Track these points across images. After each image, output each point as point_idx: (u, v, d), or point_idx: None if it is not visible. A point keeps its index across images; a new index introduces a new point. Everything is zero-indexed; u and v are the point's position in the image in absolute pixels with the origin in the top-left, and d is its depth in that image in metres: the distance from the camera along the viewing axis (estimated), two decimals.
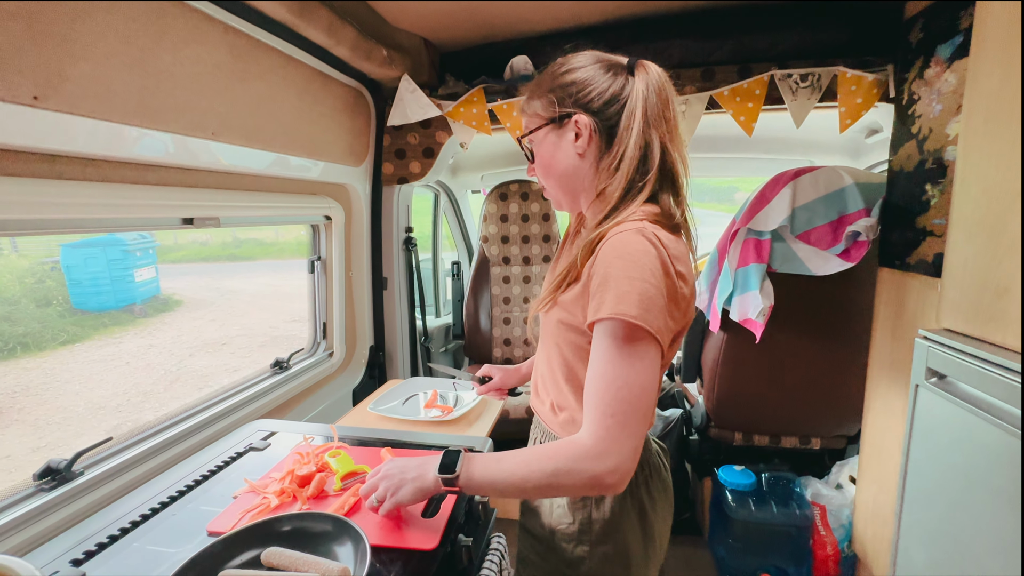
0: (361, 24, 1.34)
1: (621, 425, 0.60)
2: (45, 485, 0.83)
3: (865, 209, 1.33)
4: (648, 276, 0.62)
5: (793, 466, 1.78)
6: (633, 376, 0.61)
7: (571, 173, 0.75)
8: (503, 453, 0.68)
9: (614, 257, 0.63)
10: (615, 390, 0.61)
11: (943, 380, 0.83)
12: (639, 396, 0.61)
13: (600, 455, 0.60)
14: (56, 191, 0.78)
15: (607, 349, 0.63)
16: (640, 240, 0.64)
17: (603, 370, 0.62)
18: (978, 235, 0.79)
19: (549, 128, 0.75)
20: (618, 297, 0.61)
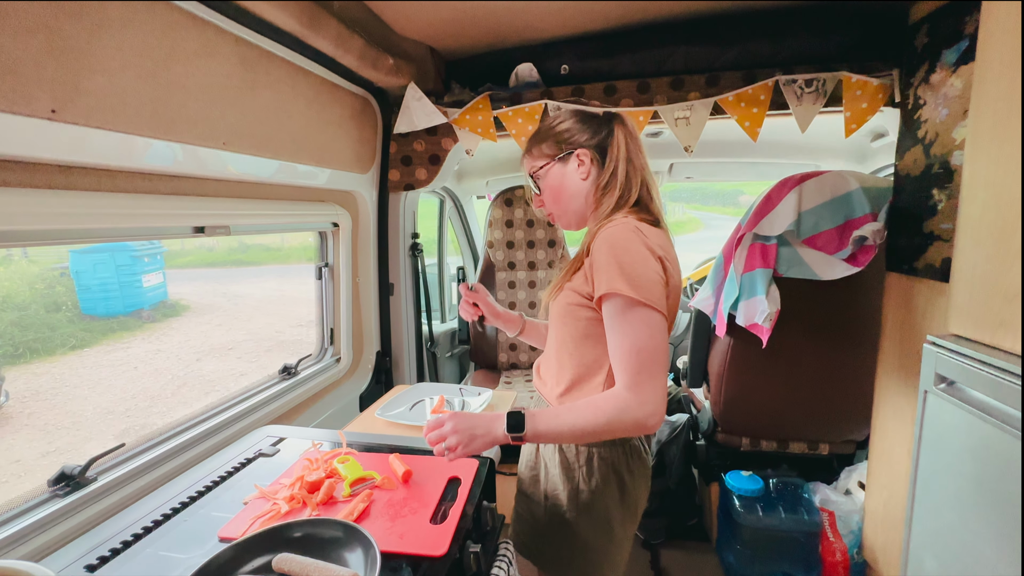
0: (368, 33, 1.35)
1: (649, 377, 0.77)
2: (59, 491, 0.84)
3: (872, 214, 1.32)
4: (634, 256, 0.79)
5: (801, 471, 1.77)
6: (644, 338, 0.78)
7: (578, 194, 0.94)
8: (558, 409, 0.84)
9: (605, 245, 0.81)
10: (635, 353, 0.78)
11: (952, 386, 0.83)
12: (654, 352, 0.78)
13: (640, 404, 0.77)
14: (71, 202, 0.79)
15: (615, 321, 0.80)
16: (624, 230, 0.82)
17: (620, 340, 0.79)
18: (986, 240, 0.79)
19: (555, 163, 0.95)
20: (611, 277, 0.79)
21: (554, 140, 0.95)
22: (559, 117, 0.97)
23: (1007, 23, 0.76)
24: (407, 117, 1.64)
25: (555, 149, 0.95)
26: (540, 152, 0.96)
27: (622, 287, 0.77)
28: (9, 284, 4.50)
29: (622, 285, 0.77)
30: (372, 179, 1.72)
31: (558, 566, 0.96)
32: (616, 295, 0.78)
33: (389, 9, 1.36)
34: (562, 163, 0.94)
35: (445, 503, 0.84)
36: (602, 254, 0.81)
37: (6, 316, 4.22)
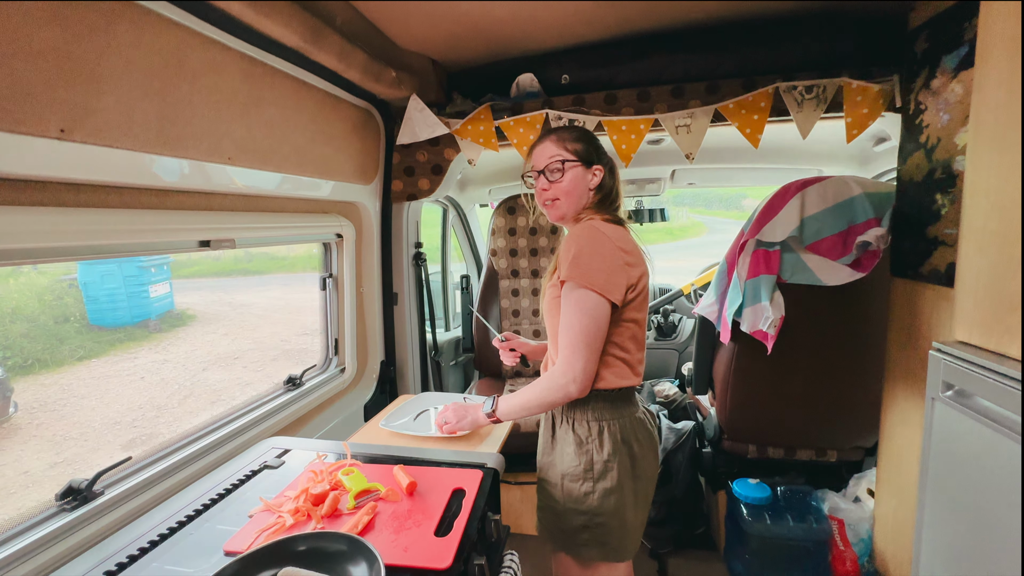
0: (370, 47, 1.37)
1: (574, 352, 0.95)
2: (67, 505, 0.85)
3: (875, 219, 1.32)
4: (594, 247, 0.96)
5: (809, 479, 1.75)
6: (577, 320, 0.95)
7: (581, 198, 1.08)
8: (516, 392, 1.06)
9: (569, 242, 0.99)
10: (569, 330, 0.96)
11: (959, 393, 0.82)
12: (581, 332, 0.95)
13: (562, 374, 0.96)
14: (80, 219, 0.80)
15: (564, 303, 0.97)
16: (583, 227, 1.00)
17: (561, 319, 0.97)
18: (989, 247, 0.78)
19: (581, 165, 1.07)
20: (568, 266, 0.95)
21: (588, 146, 1.08)
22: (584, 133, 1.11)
23: (1006, 30, 0.76)
24: (409, 128, 1.65)
25: (587, 155, 1.08)
26: (573, 148, 1.07)
27: (572, 274, 0.94)
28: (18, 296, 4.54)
29: (572, 272, 0.94)
30: (375, 190, 1.73)
31: (579, 539, 1.03)
32: (563, 282, 0.96)
33: (391, 23, 1.37)
34: (585, 168, 1.07)
35: (449, 515, 0.84)
36: (565, 250, 0.98)
37: (16, 328, 4.26)
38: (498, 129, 1.64)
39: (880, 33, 1.38)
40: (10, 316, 4.33)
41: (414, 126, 1.65)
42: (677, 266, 7.21)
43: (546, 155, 1.07)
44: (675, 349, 2.92)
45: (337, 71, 1.29)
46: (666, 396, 2.35)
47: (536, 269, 2.34)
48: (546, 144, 1.09)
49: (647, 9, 1.35)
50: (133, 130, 0.81)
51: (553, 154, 1.07)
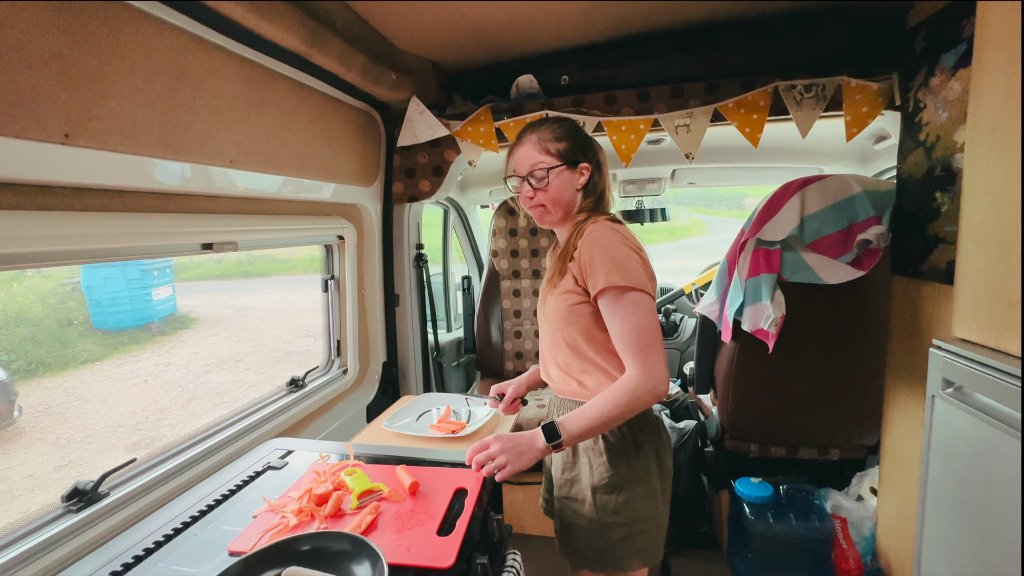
0: (371, 50, 1.38)
1: (649, 354, 0.89)
2: (73, 506, 0.86)
3: (875, 217, 1.32)
4: (619, 249, 0.92)
5: (812, 477, 1.75)
6: (640, 320, 0.89)
7: (571, 201, 1.03)
8: (582, 409, 0.91)
9: (593, 244, 0.93)
10: (635, 334, 0.89)
11: (959, 391, 0.82)
12: (649, 331, 0.89)
13: (648, 378, 0.88)
14: (84, 223, 0.81)
15: (615, 310, 0.90)
16: (606, 229, 0.95)
17: (620, 324, 0.90)
18: (988, 245, 0.79)
19: (564, 167, 1.00)
20: (607, 272, 0.90)
21: (572, 144, 1.01)
22: (567, 128, 1.03)
23: (1003, 28, 0.76)
24: (410, 130, 1.66)
25: (571, 154, 1.01)
26: (557, 149, 1.00)
27: (617, 279, 0.88)
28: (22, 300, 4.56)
29: (617, 277, 0.89)
30: (376, 192, 1.74)
31: (622, 551, 0.98)
32: (611, 287, 0.89)
33: (390, 26, 1.38)
34: (571, 170, 1.01)
35: (452, 514, 0.84)
36: (594, 255, 0.91)
37: (20, 332, 4.28)
38: (498, 130, 1.64)
39: (878, 32, 1.38)
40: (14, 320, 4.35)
41: (414, 128, 1.65)
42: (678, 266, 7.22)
43: (528, 161, 1.01)
44: (676, 348, 2.92)
45: (338, 74, 1.29)
46: (668, 395, 2.35)
47: (537, 269, 2.34)
48: (526, 148, 1.02)
49: (646, 10, 1.36)
50: (136, 134, 0.82)
51: (535, 161, 1.01)
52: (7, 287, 4.26)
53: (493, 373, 2.38)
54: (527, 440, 0.92)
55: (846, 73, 1.40)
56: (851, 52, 1.42)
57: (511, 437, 0.93)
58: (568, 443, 0.91)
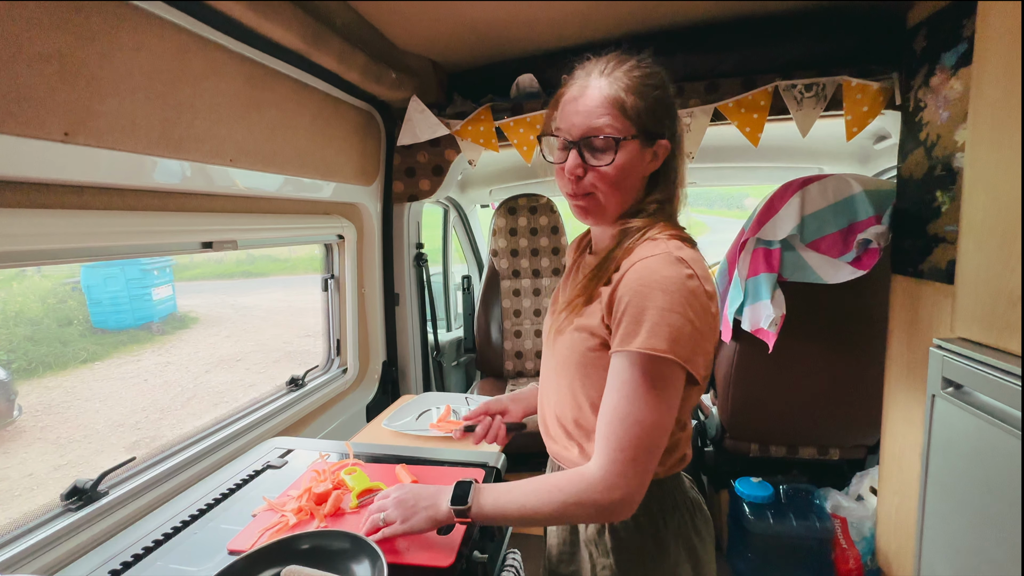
0: (371, 49, 1.38)
1: (631, 460, 0.61)
2: (72, 505, 0.85)
3: (875, 216, 1.32)
4: (681, 306, 0.61)
5: (812, 477, 1.75)
6: (648, 413, 0.61)
7: (635, 189, 0.72)
8: (513, 484, 0.70)
9: (644, 286, 0.62)
10: (628, 426, 0.62)
11: (960, 390, 0.82)
12: (651, 434, 0.62)
13: (609, 488, 0.62)
14: (83, 221, 0.81)
15: (627, 382, 0.62)
16: (672, 267, 0.62)
17: (618, 403, 0.63)
18: (989, 243, 0.79)
19: (639, 142, 0.68)
20: (650, 330, 0.60)
21: (656, 107, 0.69)
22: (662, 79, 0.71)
23: (1003, 27, 0.76)
24: (410, 129, 1.66)
25: (651, 122, 0.68)
26: (635, 109, 0.67)
27: (659, 343, 0.60)
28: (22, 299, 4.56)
29: (660, 341, 0.60)
30: (376, 191, 1.74)
31: None
32: (642, 353, 0.60)
33: (391, 25, 1.38)
34: (644, 146, 0.69)
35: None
36: (645, 303, 0.61)
37: (20, 331, 4.28)
38: (498, 130, 1.64)
39: (879, 31, 1.38)
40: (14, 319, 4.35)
41: (415, 127, 1.65)
42: None
43: (588, 116, 0.67)
44: None
45: (338, 73, 1.29)
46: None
47: (537, 269, 2.34)
48: (592, 95, 0.67)
49: (646, 9, 1.36)
50: (136, 133, 0.82)
51: (600, 119, 0.67)
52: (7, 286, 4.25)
53: (493, 372, 2.39)
54: (430, 498, 0.71)
55: (846, 72, 1.40)
56: (851, 51, 1.42)
57: (414, 490, 0.73)
58: (477, 519, 0.68)
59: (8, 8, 0.63)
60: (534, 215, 2.30)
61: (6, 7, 0.63)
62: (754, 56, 1.47)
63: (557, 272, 2.34)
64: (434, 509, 0.70)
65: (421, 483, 0.90)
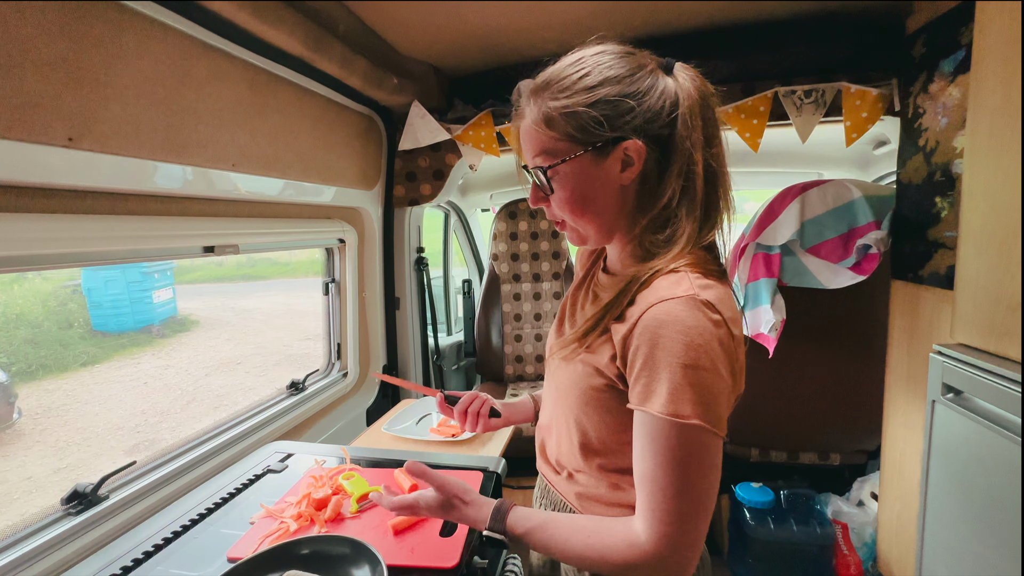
0: (372, 54, 1.39)
1: (680, 532, 0.55)
2: (72, 509, 0.85)
3: (875, 222, 1.33)
4: (708, 360, 0.53)
5: (812, 483, 1.75)
6: (688, 483, 0.54)
7: (613, 208, 0.63)
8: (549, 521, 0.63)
9: (663, 337, 0.54)
10: (670, 497, 0.55)
11: (960, 396, 0.82)
12: (696, 501, 0.55)
13: (661, 562, 0.55)
14: (87, 226, 0.81)
15: (658, 451, 0.55)
16: (695, 313, 0.54)
17: (656, 473, 0.55)
18: (988, 249, 0.79)
19: (585, 156, 0.60)
20: (672, 392, 0.53)
21: (588, 113, 0.58)
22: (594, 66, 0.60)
23: (1001, 34, 0.77)
24: (411, 134, 1.67)
25: (587, 132, 0.59)
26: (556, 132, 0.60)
27: (680, 409, 0.53)
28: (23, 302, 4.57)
29: (684, 405, 0.53)
30: (377, 195, 1.75)
31: None
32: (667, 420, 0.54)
33: (392, 30, 1.39)
34: (595, 157, 0.60)
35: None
36: (659, 356, 0.54)
37: (20, 334, 4.28)
38: (499, 135, 1.65)
39: (877, 38, 1.39)
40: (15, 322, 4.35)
41: (416, 132, 1.66)
42: None
43: (528, 146, 0.64)
44: None
45: (339, 78, 1.30)
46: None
47: (538, 273, 2.34)
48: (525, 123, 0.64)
49: (645, 15, 1.36)
50: (139, 138, 0.82)
51: (533, 150, 0.62)
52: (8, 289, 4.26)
53: (493, 376, 2.38)
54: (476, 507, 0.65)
55: (845, 79, 1.41)
56: (850, 58, 1.43)
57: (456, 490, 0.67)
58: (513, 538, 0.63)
59: (15, 15, 0.64)
60: (535, 219, 2.31)
61: (13, 13, 0.64)
62: (754, 62, 1.48)
63: (557, 276, 2.34)
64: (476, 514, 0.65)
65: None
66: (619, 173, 0.61)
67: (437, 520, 0.82)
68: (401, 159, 1.77)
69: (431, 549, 0.75)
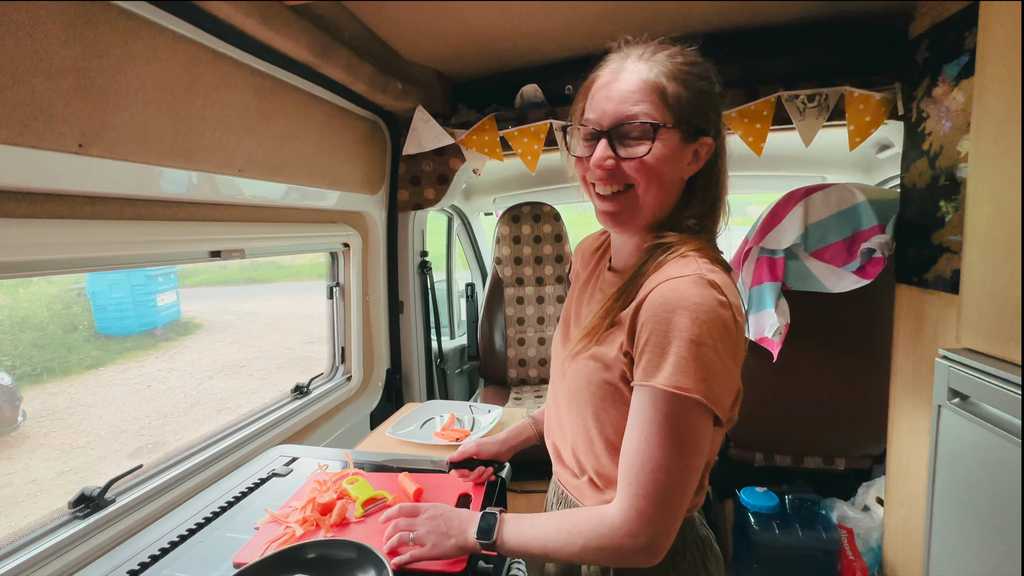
0: (377, 60, 1.40)
1: (655, 507, 0.56)
2: (79, 513, 0.86)
3: (879, 226, 1.32)
4: (712, 337, 0.54)
5: (817, 487, 1.74)
6: (674, 459, 0.55)
7: (672, 193, 0.65)
8: (536, 519, 0.67)
9: (670, 311, 0.55)
10: (650, 471, 0.56)
11: (966, 401, 0.82)
12: (678, 479, 0.56)
13: (631, 534, 0.57)
14: (94, 231, 0.82)
15: (649, 423, 0.56)
16: (703, 290, 0.55)
17: (640, 446, 0.57)
18: (994, 254, 0.79)
19: (679, 134, 0.62)
20: (676, 364, 0.54)
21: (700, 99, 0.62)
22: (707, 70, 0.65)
23: (1005, 39, 0.77)
24: (415, 139, 1.67)
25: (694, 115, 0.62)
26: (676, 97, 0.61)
27: (685, 380, 0.54)
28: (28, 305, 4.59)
29: (685, 378, 0.54)
30: (382, 199, 1.75)
31: None
32: (667, 391, 0.54)
33: (396, 37, 1.40)
34: (685, 141, 0.62)
35: None
36: (670, 333, 0.55)
37: (25, 337, 4.31)
38: (502, 139, 1.66)
39: (881, 42, 1.39)
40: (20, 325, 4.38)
41: (420, 137, 1.67)
42: None
43: (625, 102, 0.61)
44: None
45: (345, 84, 1.31)
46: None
47: (541, 277, 2.35)
48: (629, 78, 0.62)
49: (648, 20, 1.37)
50: (148, 144, 0.83)
51: (639, 103, 0.61)
52: (13, 292, 4.28)
53: (496, 380, 2.38)
54: (461, 524, 0.69)
55: (849, 83, 1.41)
56: (854, 62, 1.43)
57: (445, 516, 0.70)
58: (505, 552, 0.66)
59: (28, 24, 0.65)
60: (538, 223, 2.31)
61: (26, 22, 0.64)
62: (757, 67, 1.49)
63: (561, 280, 2.34)
64: (462, 538, 0.68)
65: (425, 489, 0.90)
66: (687, 164, 0.64)
67: None
68: (405, 163, 1.78)
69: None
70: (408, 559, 0.68)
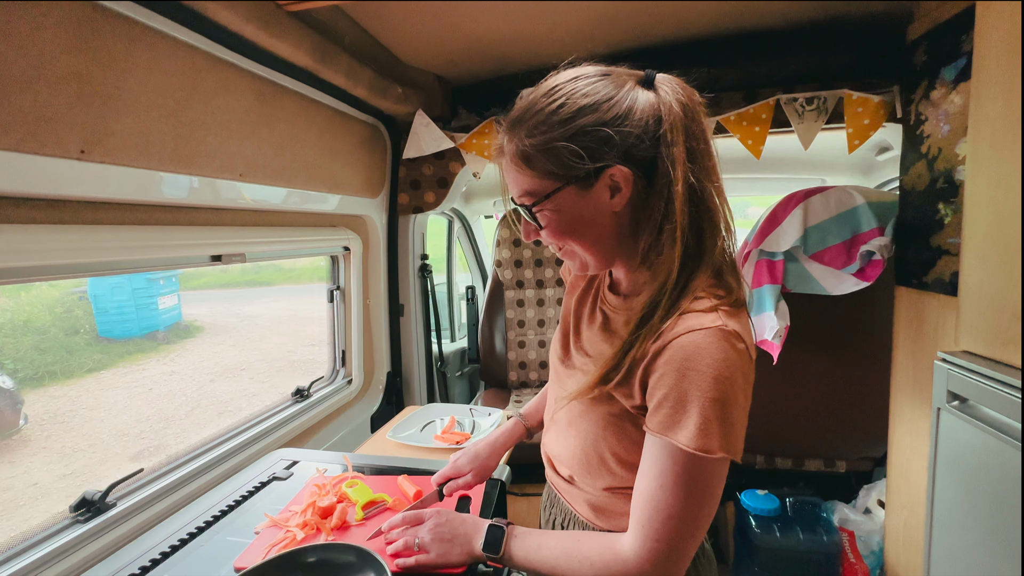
0: (377, 64, 1.40)
1: (668, 552, 0.56)
2: (81, 516, 0.86)
3: (878, 228, 1.33)
4: (733, 392, 0.54)
5: (818, 490, 1.74)
6: (690, 509, 0.56)
7: (609, 235, 0.62)
8: (544, 538, 0.66)
9: (692, 370, 0.54)
10: (665, 518, 0.56)
11: (965, 404, 0.82)
12: (692, 527, 0.56)
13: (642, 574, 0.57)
14: (96, 236, 0.83)
15: (667, 473, 0.56)
16: (724, 345, 0.55)
17: (656, 492, 0.56)
18: (992, 257, 0.79)
19: (568, 190, 0.59)
20: (700, 427, 0.53)
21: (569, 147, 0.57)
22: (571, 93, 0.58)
23: (1002, 42, 0.77)
24: (415, 143, 1.68)
25: (569, 166, 0.57)
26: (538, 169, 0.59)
27: (705, 444, 0.53)
28: (30, 309, 4.60)
29: (706, 441, 0.53)
30: (382, 203, 1.76)
31: None
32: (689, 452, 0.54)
33: (396, 41, 1.41)
34: (580, 189, 0.59)
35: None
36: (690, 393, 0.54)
37: (27, 340, 4.32)
38: None
39: (879, 45, 1.40)
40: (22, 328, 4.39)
41: (420, 140, 1.68)
42: None
43: (511, 187, 0.64)
44: None
45: (345, 88, 1.32)
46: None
47: (541, 279, 2.35)
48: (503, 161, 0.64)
49: (646, 25, 1.38)
50: (149, 150, 0.84)
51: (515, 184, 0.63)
52: (15, 296, 4.29)
53: (497, 383, 2.38)
54: (467, 532, 0.69)
55: (847, 86, 1.42)
56: (852, 65, 1.43)
57: (452, 522, 0.70)
58: (508, 566, 0.66)
59: (31, 31, 0.65)
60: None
61: (29, 29, 0.65)
62: (756, 70, 1.49)
63: (561, 283, 2.35)
64: (468, 547, 0.68)
65: (424, 491, 0.90)
66: (609, 200, 0.60)
67: None
68: (405, 167, 1.78)
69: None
70: (413, 564, 0.69)
